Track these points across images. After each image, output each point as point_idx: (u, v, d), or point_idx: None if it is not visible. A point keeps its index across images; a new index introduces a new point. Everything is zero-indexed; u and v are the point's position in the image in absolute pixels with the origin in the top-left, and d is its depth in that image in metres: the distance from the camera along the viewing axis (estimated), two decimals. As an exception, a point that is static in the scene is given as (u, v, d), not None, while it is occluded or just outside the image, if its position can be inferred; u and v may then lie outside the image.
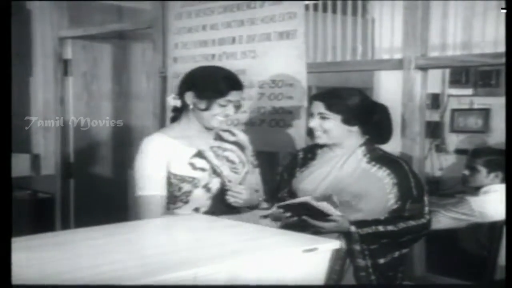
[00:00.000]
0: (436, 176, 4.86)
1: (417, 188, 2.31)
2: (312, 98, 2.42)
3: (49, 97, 4.49)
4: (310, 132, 2.42)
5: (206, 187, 2.26)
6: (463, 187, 3.79)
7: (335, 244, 1.62)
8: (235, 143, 2.40)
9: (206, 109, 2.24)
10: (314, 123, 2.35)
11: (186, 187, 2.24)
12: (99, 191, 4.43)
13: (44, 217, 4.40)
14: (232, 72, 2.31)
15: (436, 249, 2.99)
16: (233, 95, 2.24)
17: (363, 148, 2.35)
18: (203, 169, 2.25)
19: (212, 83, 2.24)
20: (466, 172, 3.45)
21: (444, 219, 3.30)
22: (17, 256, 1.45)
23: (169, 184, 2.24)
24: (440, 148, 4.94)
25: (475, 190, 3.39)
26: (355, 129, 2.34)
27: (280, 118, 3.03)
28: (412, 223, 2.26)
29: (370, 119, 2.34)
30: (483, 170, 3.36)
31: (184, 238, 1.82)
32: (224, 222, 2.05)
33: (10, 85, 1.71)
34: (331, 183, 2.33)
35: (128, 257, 1.49)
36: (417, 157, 2.75)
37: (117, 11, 4.55)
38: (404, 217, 2.26)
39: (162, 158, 2.22)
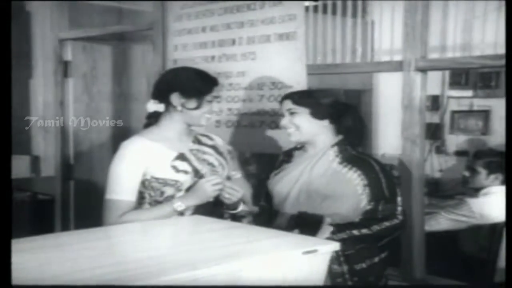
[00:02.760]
0: (436, 177, 4.87)
1: (389, 188, 2.28)
2: (281, 99, 2.44)
3: (49, 99, 4.49)
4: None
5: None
6: (463, 189, 3.80)
7: (335, 245, 1.63)
8: (213, 147, 2.39)
9: (197, 107, 2.25)
10: (285, 120, 2.37)
11: (169, 191, 2.21)
12: (99, 193, 4.41)
13: (44, 219, 4.40)
14: (206, 71, 2.37)
15: (436, 251, 2.99)
16: (215, 91, 2.30)
17: (335, 148, 2.34)
18: (185, 172, 2.23)
19: (199, 81, 2.28)
20: (466, 173, 3.46)
21: (443, 221, 3.31)
22: (17, 257, 1.45)
23: (151, 188, 2.22)
24: (440, 150, 4.94)
25: (475, 191, 3.39)
26: (326, 123, 2.34)
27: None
28: (386, 224, 2.24)
29: (341, 116, 2.36)
30: (483, 172, 3.36)
31: (184, 240, 1.82)
32: (224, 224, 2.05)
33: (10, 87, 1.71)
34: (303, 185, 2.32)
35: (128, 259, 1.49)
36: (417, 158, 2.75)
37: (117, 12, 4.56)
38: (378, 218, 2.24)
39: (138, 162, 2.20)
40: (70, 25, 4.40)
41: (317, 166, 2.32)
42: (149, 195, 2.23)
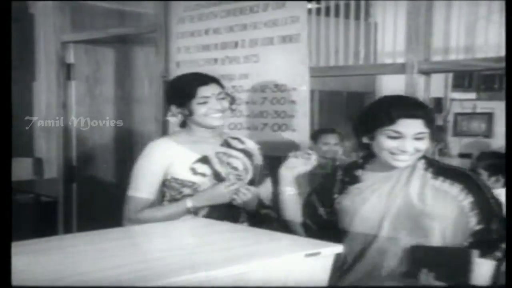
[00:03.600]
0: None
1: (496, 203, 1.93)
2: (404, 116, 1.88)
3: (52, 101, 4.50)
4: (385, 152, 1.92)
5: None
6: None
7: (338, 248, 1.62)
8: (243, 151, 2.41)
9: (190, 113, 2.28)
10: (410, 146, 1.89)
11: (186, 191, 2.27)
12: (102, 195, 4.43)
13: (46, 221, 4.40)
14: (198, 72, 2.38)
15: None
16: (204, 91, 2.27)
17: (422, 161, 1.97)
18: (203, 175, 2.27)
19: (179, 88, 2.32)
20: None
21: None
22: (19, 260, 1.45)
23: (171, 188, 2.28)
24: (443, 152, 4.94)
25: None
26: None
27: (283, 122, 3.03)
28: (503, 247, 1.86)
29: None
30: (483, 174, 3.36)
31: (188, 242, 1.82)
32: (227, 227, 2.05)
33: (10, 88, 1.71)
34: (400, 207, 1.92)
35: (131, 262, 1.49)
36: (420, 161, 2.74)
37: (119, 15, 4.56)
38: (493, 240, 1.87)
39: (160, 163, 2.27)
40: (73, 28, 4.41)
41: (412, 184, 1.94)
42: (170, 194, 2.30)
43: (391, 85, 4.66)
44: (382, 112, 1.91)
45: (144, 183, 2.27)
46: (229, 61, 3.25)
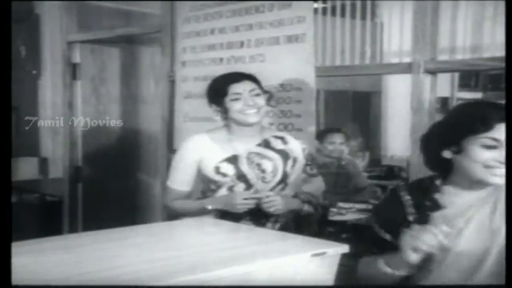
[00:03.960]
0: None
1: None
2: (504, 120, 1.55)
3: (57, 101, 4.50)
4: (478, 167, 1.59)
5: (231, 190, 2.33)
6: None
7: (344, 248, 1.61)
8: (281, 151, 2.39)
9: (226, 111, 2.34)
10: (501, 155, 1.55)
11: (212, 186, 2.36)
12: (107, 195, 4.44)
13: (52, 221, 4.41)
14: (234, 71, 2.48)
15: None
16: (235, 87, 2.33)
17: None
18: (225, 175, 2.32)
19: (213, 87, 2.40)
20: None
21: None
22: (24, 259, 1.45)
23: (202, 181, 2.40)
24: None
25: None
26: None
27: (289, 122, 3.02)
28: None
29: None
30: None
31: (193, 242, 1.81)
32: (233, 226, 2.05)
33: (10, 88, 1.71)
34: (503, 238, 1.58)
35: (136, 261, 1.49)
36: (426, 161, 2.73)
37: (125, 15, 4.57)
38: None
39: (192, 157, 2.36)
40: (79, 28, 4.42)
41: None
42: (202, 186, 2.42)
43: (398, 84, 4.66)
44: (474, 117, 1.58)
45: (178, 175, 2.40)
46: (235, 61, 3.25)
